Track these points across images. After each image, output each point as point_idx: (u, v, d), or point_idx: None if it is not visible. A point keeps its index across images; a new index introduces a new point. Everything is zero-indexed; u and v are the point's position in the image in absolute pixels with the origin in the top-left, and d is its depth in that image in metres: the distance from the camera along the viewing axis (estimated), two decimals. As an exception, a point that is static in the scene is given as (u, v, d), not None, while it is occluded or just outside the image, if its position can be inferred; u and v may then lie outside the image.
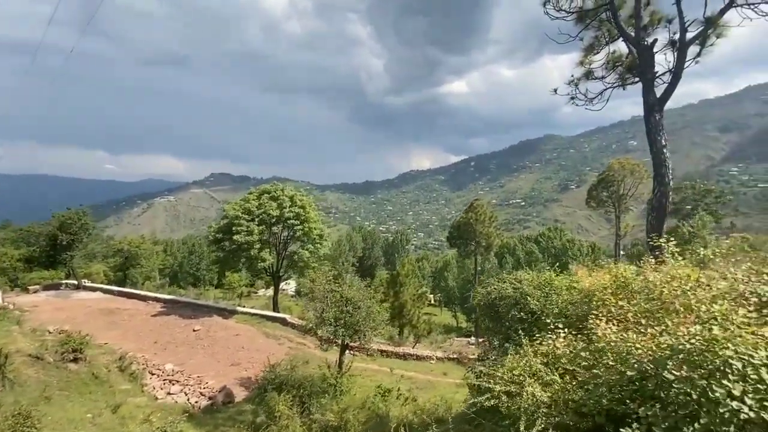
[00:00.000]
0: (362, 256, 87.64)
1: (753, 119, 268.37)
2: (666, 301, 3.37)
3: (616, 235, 33.62)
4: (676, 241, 5.14)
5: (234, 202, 25.96)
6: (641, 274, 4.72)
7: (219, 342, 21.78)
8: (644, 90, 8.22)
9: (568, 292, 5.96)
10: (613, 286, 4.95)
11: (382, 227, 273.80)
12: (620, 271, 5.08)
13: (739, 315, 2.63)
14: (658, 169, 8.30)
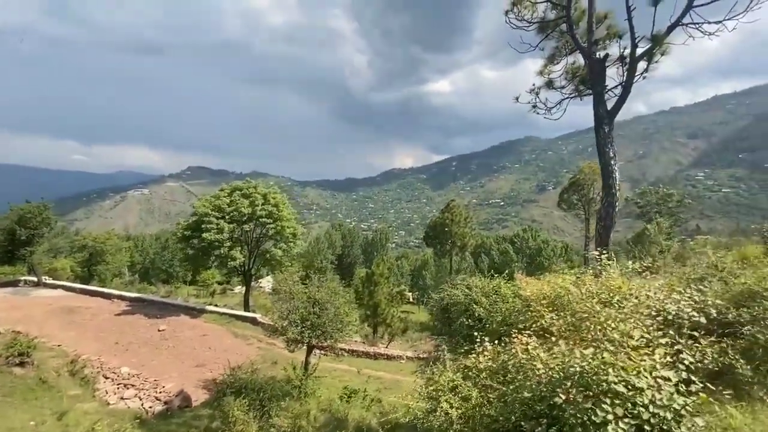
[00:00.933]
0: (341, 254, 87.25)
1: (718, 127, 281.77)
2: (583, 317, 3.46)
3: (586, 237, 34.63)
4: (636, 247, 5.28)
5: (204, 199, 25.34)
6: (577, 286, 4.84)
7: (185, 342, 21.23)
8: (594, 102, 8.46)
9: (514, 301, 6.07)
10: (551, 296, 5.05)
11: (363, 225, 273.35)
12: (558, 281, 5.20)
13: (635, 337, 2.72)
14: (606, 180, 8.57)
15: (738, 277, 3.25)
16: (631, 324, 2.91)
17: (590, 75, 8.50)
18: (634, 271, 5.30)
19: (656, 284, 3.82)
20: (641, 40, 7.92)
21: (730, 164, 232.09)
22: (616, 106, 8.29)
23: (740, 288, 3.02)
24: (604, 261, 4.82)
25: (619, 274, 4.88)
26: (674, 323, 3.09)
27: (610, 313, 3.25)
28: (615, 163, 8.53)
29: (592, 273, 5.17)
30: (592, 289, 4.59)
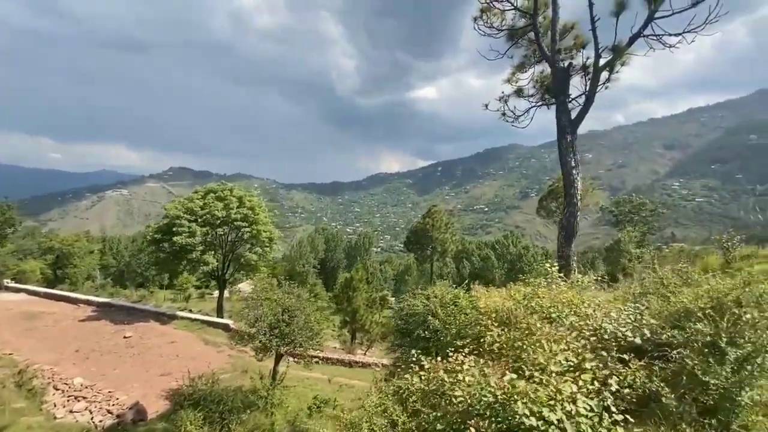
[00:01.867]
0: (324, 258, 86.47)
1: (693, 139, 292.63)
2: (522, 336, 3.30)
3: (563, 244, 35.04)
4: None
5: (177, 201, 24.60)
6: (528, 299, 4.68)
7: (151, 350, 20.43)
8: (557, 111, 8.45)
9: (471, 313, 5.89)
10: (499, 309, 4.89)
11: (348, 229, 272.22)
12: (511, 293, 5.04)
13: (558, 359, 2.55)
14: (568, 189, 8.55)
15: (676, 295, 3.14)
16: (562, 345, 2.76)
17: (554, 84, 8.50)
18: (590, 283, 5.18)
19: (597, 300, 3.69)
20: (604, 50, 7.97)
21: (704, 175, 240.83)
22: (579, 116, 8.29)
23: (676, 306, 2.90)
24: (555, 273, 4.69)
25: (570, 287, 4.75)
26: (610, 343, 2.94)
27: (545, 331, 3.09)
28: (577, 173, 8.53)
29: (546, 285, 5.03)
30: (541, 303, 4.44)
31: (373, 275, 77.70)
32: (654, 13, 7.28)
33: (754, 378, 2.19)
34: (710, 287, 2.94)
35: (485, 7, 8.93)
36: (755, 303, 2.62)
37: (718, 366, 2.27)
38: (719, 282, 2.96)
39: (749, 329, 2.36)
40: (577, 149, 8.51)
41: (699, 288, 2.99)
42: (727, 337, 2.39)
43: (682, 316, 2.79)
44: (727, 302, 2.68)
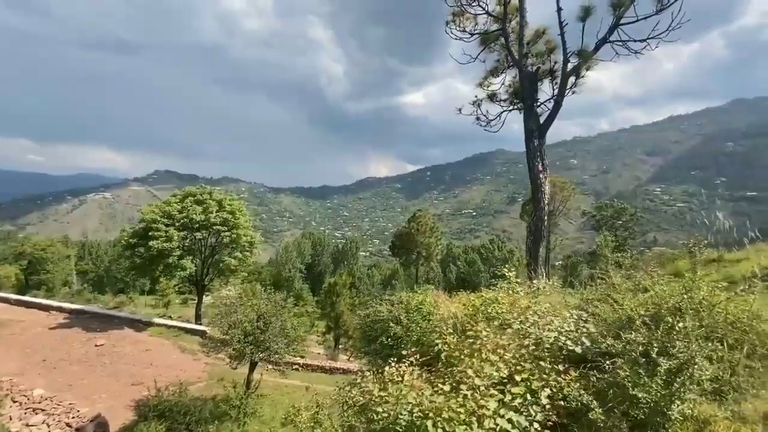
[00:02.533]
0: (311, 263, 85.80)
1: (673, 146, 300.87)
2: (465, 346, 3.17)
3: (546, 248, 35.39)
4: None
5: (154, 204, 24.03)
6: (487, 304, 4.57)
7: (124, 358, 19.78)
8: (524, 115, 8.47)
9: (433, 319, 5.75)
10: (454, 316, 4.76)
11: (337, 233, 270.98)
12: (470, 300, 4.92)
13: (486, 372, 2.43)
14: (535, 194, 8.55)
15: (620, 302, 3.06)
16: (494, 356, 2.63)
17: (522, 88, 8.52)
18: (547, 289, 5.10)
19: (543, 307, 3.59)
20: (572, 55, 8.02)
21: (683, 180, 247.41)
22: (548, 120, 8.31)
23: (619, 314, 2.81)
24: (512, 279, 4.59)
25: (528, 293, 4.66)
26: (553, 352, 2.83)
27: (491, 339, 2.97)
28: (544, 177, 8.53)
29: (506, 290, 4.93)
30: (498, 310, 4.33)
31: (360, 280, 77.45)
32: (619, 20, 7.36)
33: (684, 391, 2.10)
34: (654, 293, 2.86)
35: (457, 11, 8.94)
36: (694, 310, 2.54)
37: (649, 378, 2.17)
38: (662, 288, 2.89)
39: (682, 339, 2.28)
40: (545, 154, 8.52)
41: (645, 294, 2.92)
42: (659, 347, 2.30)
43: (624, 325, 2.69)
44: (666, 310, 2.60)
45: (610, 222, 35.13)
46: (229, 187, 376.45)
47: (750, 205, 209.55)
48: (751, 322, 2.48)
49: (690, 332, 2.31)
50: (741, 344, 2.43)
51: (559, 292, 5.20)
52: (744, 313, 2.54)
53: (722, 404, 2.24)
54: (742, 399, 2.23)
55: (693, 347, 2.19)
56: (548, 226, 38.38)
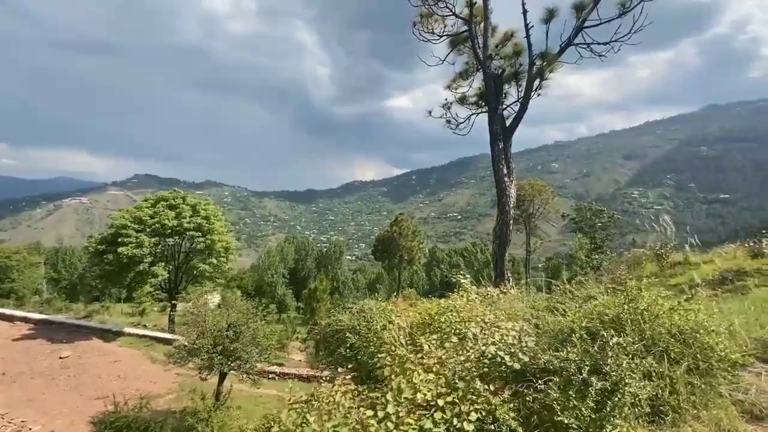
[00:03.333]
0: (295, 268, 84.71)
1: (650, 150, 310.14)
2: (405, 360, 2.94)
3: (527, 251, 35.73)
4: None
5: (124, 209, 23.18)
6: (440, 313, 4.35)
7: (90, 371, 18.89)
8: (489, 118, 8.39)
9: (392, 329, 5.51)
10: (414, 326, 4.54)
11: (323, 237, 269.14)
12: (425, 308, 4.70)
13: (405, 393, 2.21)
14: (500, 198, 8.45)
15: (565, 312, 2.88)
16: (425, 375, 2.42)
17: (486, 90, 8.43)
18: (512, 295, 4.91)
19: (494, 316, 3.40)
20: (537, 57, 7.97)
21: (660, 184, 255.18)
22: (513, 123, 8.23)
23: (561, 326, 2.62)
24: (466, 285, 4.40)
25: (482, 300, 4.47)
26: (496, 367, 2.62)
27: (427, 355, 2.75)
28: (509, 181, 8.43)
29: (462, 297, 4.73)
30: (451, 319, 4.12)
31: (344, 284, 76.80)
32: (583, 22, 7.35)
33: (616, 415, 1.90)
34: (597, 303, 2.69)
35: (425, 12, 8.82)
36: (634, 322, 2.37)
37: (579, 401, 1.98)
38: (605, 298, 2.72)
39: (616, 355, 2.09)
40: (511, 157, 8.43)
41: (584, 306, 2.75)
42: (591, 365, 2.11)
43: (566, 338, 2.51)
44: (606, 322, 2.43)
45: (589, 224, 35.66)
46: (212, 191, 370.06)
47: (723, 207, 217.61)
48: (695, 333, 2.33)
49: (625, 347, 2.14)
50: (684, 358, 2.26)
51: (520, 298, 5.03)
52: (688, 323, 2.39)
53: (660, 427, 2.06)
54: (682, 421, 2.05)
55: (625, 365, 2.01)
56: (518, 230, 38.80)
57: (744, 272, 5.50)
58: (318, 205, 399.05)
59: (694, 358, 2.24)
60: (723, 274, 5.72)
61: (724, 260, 7.78)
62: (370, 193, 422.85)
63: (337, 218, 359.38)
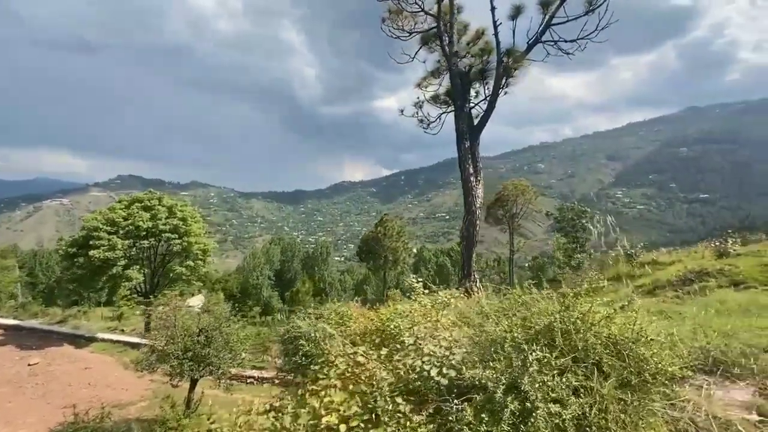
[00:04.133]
0: (281, 269, 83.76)
1: (632, 151, 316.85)
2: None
3: (510, 251, 35.92)
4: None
5: (98, 211, 22.46)
6: (389, 319, 4.13)
7: (59, 378, 18.19)
8: (455, 116, 8.23)
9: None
10: (368, 331, 4.31)
11: (311, 238, 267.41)
12: (380, 314, 4.48)
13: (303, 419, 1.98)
14: (466, 198, 8.30)
15: (499, 322, 2.70)
16: (341, 395, 2.22)
17: (452, 88, 8.27)
18: (452, 297, 4.72)
19: (427, 326, 3.21)
20: (504, 55, 7.85)
21: (642, 184, 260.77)
22: (480, 122, 8.10)
23: (493, 337, 2.43)
24: (419, 289, 4.20)
25: (433, 305, 4.27)
26: (427, 382, 2.42)
27: (360, 368, 2.54)
28: (476, 181, 8.29)
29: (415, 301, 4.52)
30: (400, 325, 3.90)
31: (331, 286, 76.22)
32: (551, 19, 7.25)
33: (531, 441, 1.71)
34: (535, 311, 2.50)
35: (394, 8, 8.62)
36: (565, 332, 2.19)
37: (494, 423, 1.78)
38: (540, 306, 2.53)
39: (537, 371, 1.90)
40: (478, 156, 8.28)
41: (518, 314, 2.57)
42: (508, 382, 1.91)
43: (496, 350, 2.31)
44: (539, 332, 2.24)
45: (571, 224, 36.04)
46: (198, 192, 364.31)
47: (703, 207, 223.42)
48: (630, 344, 2.15)
49: (549, 362, 1.95)
50: (618, 372, 2.09)
51: (480, 301, 4.84)
52: (624, 333, 2.21)
53: (584, 450, 1.88)
54: (610, 443, 1.88)
55: (549, 382, 1.81)
56: (502, 230, 38.96)
57: (706, 273, 5.45)
58: (306, 205, 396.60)
59: (627, 372, 2.06)
60: (686, 275, 5.65)
61: (692, 260, 7.76)
62: (359, 193, 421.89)
63: (326, 219, 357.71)
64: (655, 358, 2.05)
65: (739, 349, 2.37)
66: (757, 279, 5.16)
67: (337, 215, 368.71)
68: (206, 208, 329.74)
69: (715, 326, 3.14)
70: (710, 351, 2.37)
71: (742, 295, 4.51)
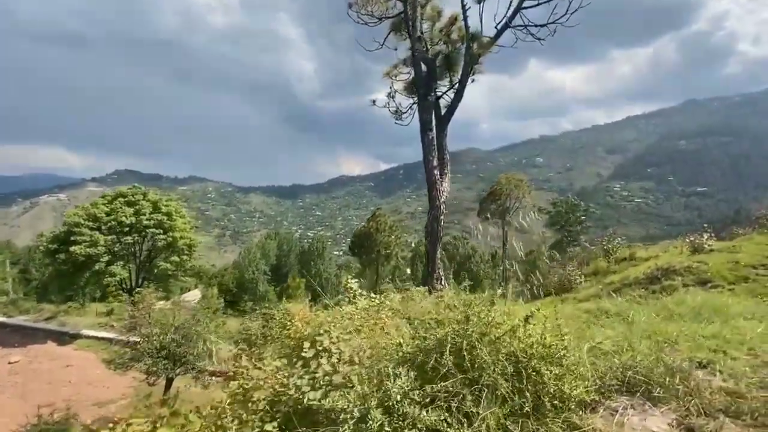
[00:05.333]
0: (277, 264, 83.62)
1: (631, 144, 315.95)
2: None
3: (503, 245, 35.65)
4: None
5: (80, 206, 22.09)
6: (318, 325, 3.82)
7: (40, 376, 17.96)
8: (418, 106, 7.86)
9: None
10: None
11: (309, 233, 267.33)
12: (320, 316, 4.17)
13: None
14: (430, 192, 7.95)
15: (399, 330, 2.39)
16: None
17: (415, 76, 7.88)
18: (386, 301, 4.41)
19: (333, 336, 2.90)
20: (470, 40, 7.46)
21: (641, 177, 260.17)
22: (448, 112, 7.73)
23: (384, 349, 2.12)
24: (354, 290, 3.88)
25: (370, 307, 3.96)
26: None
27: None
28: (441, 174, 7.94)
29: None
30: (329, 331, 3.59)
31: (327, 281, 76.14)
32: (521, 3, 6.87)
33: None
34: (431, 324, 2.17)
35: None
36: (456, 349, 1.86)
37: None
38: (433, 317, 2.20)
39: (400, 399, 1.59)
40: (446, 148, 7.91)
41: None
42: (360, 414, 1.61)
43: (373, 369, 2.00)
44: (430, 348, 1.93)
45: (565, 218, 35.77)
46: (196, 186, 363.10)
47: (701, 200, 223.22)
48: (532, 362, 1.83)
49: (414, 388, 1.63)
50: (520, 394, 1.78)
51: (433, 302, 4.52)
52: (532, 348, 1.88)
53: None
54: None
55: (398, 413, 1.50)
56: (495, 224, 38.65)
57: (674, 271, 5.14)
58: (304, 200, 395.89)
59: (523, 396, 1.75)
60: (653, 273, 5.35)
61: (670, 255, 7.45)
62: (357, 188, 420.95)
63: (324, 213, 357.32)
64: (554, 381, 1.75)
65: (667, 365, 2.06)
66: (725, 277, 4.87)
67: (335, 210, 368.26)
68: (205, 203, 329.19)
69: (661, 333, 2.83)
70: (636, 367, 2.06)
71: (703, 296, 4.21)
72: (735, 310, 3.40)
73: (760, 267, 5.01)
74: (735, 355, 2.42)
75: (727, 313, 3.34)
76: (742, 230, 11.17)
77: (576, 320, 4.27)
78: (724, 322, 3.03)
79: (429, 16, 8.35)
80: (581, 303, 5.51)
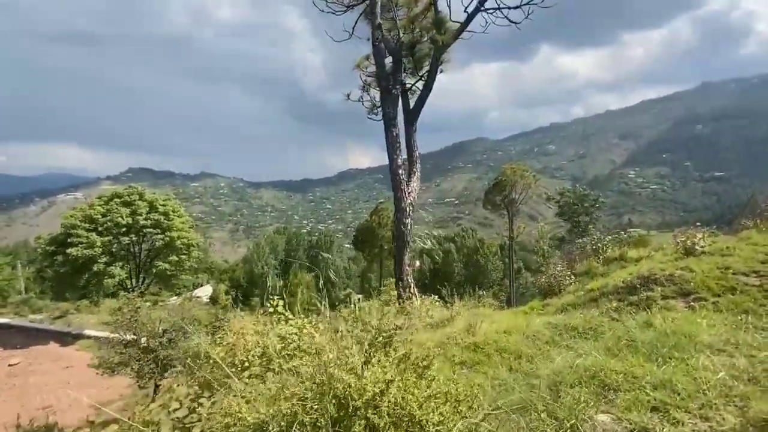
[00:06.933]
0: (286, 257, 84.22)
1: (645, 130, 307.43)
2: None
3: (510, 237, 34.96)
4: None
5: (77, 208, 22.18)
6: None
7: (39, 378, 18.13)
8: (381, 99, 7.30)
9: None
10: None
11: (320, 226, 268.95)
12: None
13: None
14: (395, 192, 7.40)
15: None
16: None
17: (376, 67, 7.31)
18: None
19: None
20: (436, 26, 6.88)
21: (656, 163, 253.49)
22: (417, 105, 7.15)
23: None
24: (279, 307, 3.50)
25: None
26: None
27: None
28: (408, 173, 7.38)
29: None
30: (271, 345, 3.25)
31: (336, 274, 76.28)
32: (494, -17, 6.27)
33: None
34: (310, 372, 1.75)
35: (328, -22, 7.66)
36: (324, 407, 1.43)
37: None
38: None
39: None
40: (415, 144, 7.36)
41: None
42: None
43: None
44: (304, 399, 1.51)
45: (573, 208, 34.81)
46: (208, 182, 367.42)
47: (718, 185, 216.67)
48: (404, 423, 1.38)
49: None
50: None
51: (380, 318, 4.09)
52: (413, 403, 1.43)
53: None
54: None
55: None
56: (501, 215, 37.78)
57: (654, 279, 4.60)
58: (315, 194, 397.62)
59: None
60: (632, 282, 4.81)
61: (663, 255, 6.85)
62: (367, 180, 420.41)
63: (335, 207, 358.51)
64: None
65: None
66: (710, 288, 4.29)
67: (345, 203, 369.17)
68: (217, 199, 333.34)
69: (606, 374, 2.34)
70: None
71: (676, 316, 3.65)
72: (705, 340, 2.86)
73: (751, 274, 4.43)
74: (678, 418, 1.94)
75: (695, 343, 2.80)
76: (751, 222, 10.38)
77: (538, 341, 3.80)
78: (683, 361, 2.51)
79: (405, 1, 7.75)
80: (555, 315, 5.01)
